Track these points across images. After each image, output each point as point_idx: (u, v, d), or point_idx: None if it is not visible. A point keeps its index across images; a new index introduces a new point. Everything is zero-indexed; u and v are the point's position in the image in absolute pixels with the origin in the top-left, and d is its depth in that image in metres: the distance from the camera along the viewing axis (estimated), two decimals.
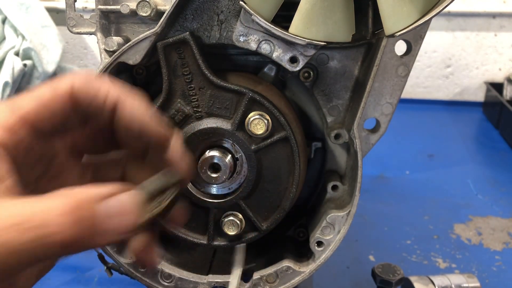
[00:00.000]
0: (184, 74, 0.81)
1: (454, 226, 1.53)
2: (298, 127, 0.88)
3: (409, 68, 0.83)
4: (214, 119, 0.83)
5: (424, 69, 2.74)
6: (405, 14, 0.68)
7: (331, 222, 0.86)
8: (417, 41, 0.81)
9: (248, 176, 0.84)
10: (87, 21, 0.88)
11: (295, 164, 0.83)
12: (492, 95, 2.52)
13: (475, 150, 2.20)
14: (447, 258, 1.36)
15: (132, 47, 0.79)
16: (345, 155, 0.95)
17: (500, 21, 2.60)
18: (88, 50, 2.93)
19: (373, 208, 1.60)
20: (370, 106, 0.84)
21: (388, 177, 1.86)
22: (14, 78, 2.18)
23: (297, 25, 0.73)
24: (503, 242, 1.45)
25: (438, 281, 1.07)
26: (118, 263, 0.89)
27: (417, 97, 2.78)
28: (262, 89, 0.85)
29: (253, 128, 0.80)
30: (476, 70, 2.72)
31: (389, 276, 1.03)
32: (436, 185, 1.81)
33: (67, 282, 1.25)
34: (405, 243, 1.43)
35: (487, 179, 1.88)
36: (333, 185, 0.92)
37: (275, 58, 0.79)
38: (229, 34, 0.83)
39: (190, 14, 0.83)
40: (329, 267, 1.28)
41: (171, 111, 0.83)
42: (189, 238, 0.89)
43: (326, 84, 0.90)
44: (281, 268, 0.87)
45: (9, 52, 2.29)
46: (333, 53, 0.88)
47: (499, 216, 1.60)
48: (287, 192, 0.85)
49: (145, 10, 0.83)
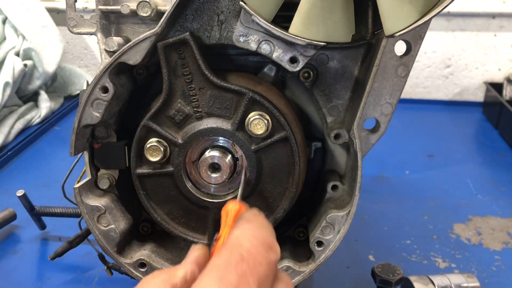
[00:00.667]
0: (184, 74, 0.82)
1: (453, 226, 1.53)
2: (298, 127, 0.88)
3: (409, 68, 0.83)
4: (214, 119, 0.83)
5: (424, 69, 2.74)
6: (405, 14, 0.68)
7: (331, 222, 0.86)
8: (417, 41, 0.81)
9: (248, 176, 0.84)
10: (88, 22, 0.88)
11: (295, 164, 0.83)
12: (492, 95, 2.52)
13: (474, 150, 2.20)
14: (446, 258, 1.36)
15: (133, 47, 0.79)
16: (345, 155, 0.95)
17: (500, 21, 2.60)
18: (89, 50, 2.93)
19: (373, 208, 1.60)
20: (370, 106, 0.85)
21: (388, 177, 1.86)
22: (14, 78, 2.18)
23: (297, 25, 0.73)
24: (503, 242, 1.45)
25: (438, 280, 1.07)
26: (118, 263, 0.89)
27: (416, 97, 2.78)
28: (262, 89, 0.85)
29: (253, 128, 0.80)
30: (476, 70, 2.72)
31: (389, 276, 1.03)
32: (436, 185, 1.81)
33: (67, 282, 1.26)
34: (404, 243, 1.43)
35: (486, 179, 1.88)
36: (333, 185, 0.92)
37: (275, 58, 0.79)
38: (229, 35, 0.84)
39: (190, 15, 0.83)
40: (329, 267, 1.28)
41: (171, 111, 0.83)
42: (189, 238, 0.89)
43: (326, 84, 0.91)
44: (281, 268, 0.87)
45: (9, 52, 2.29)
46: (333, 53, 0.88)
47: (499, 216, 1.60)
48: (287, 192, 0.86)
49: (145, 11, 0.83)
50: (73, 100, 2.64)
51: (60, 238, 1.44)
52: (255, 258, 0.44)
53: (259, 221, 0.50)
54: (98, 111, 0.82)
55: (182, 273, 0.48)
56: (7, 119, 2.17)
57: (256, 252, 0.45)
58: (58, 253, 1.21)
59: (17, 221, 1.50)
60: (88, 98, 0.81)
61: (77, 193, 0.86)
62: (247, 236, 0.46)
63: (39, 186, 1.76)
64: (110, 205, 0.87)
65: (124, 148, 0.88)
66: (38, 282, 1.27)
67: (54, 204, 1.42)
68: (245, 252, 0.44)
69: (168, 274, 0.47)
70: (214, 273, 0.43)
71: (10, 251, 1.39)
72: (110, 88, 0.81)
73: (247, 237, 0.46)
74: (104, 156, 0.89)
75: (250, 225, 0.49)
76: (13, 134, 2.15)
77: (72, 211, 1.38)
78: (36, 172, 1.90)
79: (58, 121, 2.44)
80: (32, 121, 2.31)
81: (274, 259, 0.46)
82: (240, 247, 0.45)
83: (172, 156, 0.84)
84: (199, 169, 0.83)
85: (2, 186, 1.78)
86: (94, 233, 0.88)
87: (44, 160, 2.04)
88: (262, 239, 0.46)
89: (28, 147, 2.15)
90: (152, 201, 0.88)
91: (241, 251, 0.44)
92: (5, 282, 1.26)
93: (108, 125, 0.88)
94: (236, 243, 0.46)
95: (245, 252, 0.44)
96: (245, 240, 0.46)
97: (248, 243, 0.46)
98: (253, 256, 0.44)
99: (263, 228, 0.49)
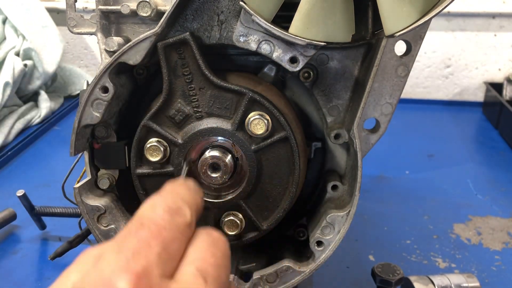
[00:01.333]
0: (184, 74, 0.82)
1: (453, 226, 1.53)
2: (298, 127, 0.88)
3: (409, 68, 0.83)
4: (214, 119, 0.83)
5: (424, 69, 2.74)
6: (405, 14, 0.68)
7: (331, 222, 0.86)
8: (417, 41, 0.81)
9: (248, 176, 0.84)
10: (88, 22, 0.88)
11: (295, 164, 0.83)
12: (492, 95, 2.52)
13: (474, 150, 2.20)
14: (446, 258, 1.36)
15: (133, 47, 0.79)
16: (345, 155, 0.95)
17: (500, 21, 2.60)
18: (89, 50, 2.93)
19: (373, 208, 1.61)
20: (370, 106, 0.85)
21: (388, 177, 1.87)
22: (14, 78, 2.19)
23: (297, 25, 0.73)
24: (503, 242, 1.45)
25: (438, 280, 1.07)
26: None
27: (416, 97, 2.78)
28: (262, 89, 0.85)
29: (253, 128, 0.80)
30: (476, 70, 2.72)
31: (389, 276, 1.03)
32: (436, 185, 1.81)
33: None
34: (405, 243, 1.43)
35: (486, 179, 1.88)
36: (333, 185, 0.92)
37: (275, 58, 0.80)
38: (229, 35, 0.84)
39: (190, 15, 0.83)
40: (329, 267, 1.28)
41: (172, 111, 0.83)
42: None
43: (326, 84, 0.91)
44: (281, 268, 0.87)
45: (9, 52, 2.29)
46: (333, 53, 0.88)
47: (499, 216, 1.60)
48: (287, 192, 0.86)
49: (145, 11, 0.83)
50: (73, 100, 2.64)
51: (60, 238, 1.44)
52: (157, 223, 0.45)
53: (168, 189, 0.51)
54: (98, 111, 0.82)
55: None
56: (7, 119, 2.17)
57: (158, 218, 0.45)
58: (58, 253, 1.21)
59: (17, 221, 1.50)
60: (88, 98, 0.81)
61: (77, 193, 0.86)
62: (149, 205, 0.48)
63: (39, 186, 1.76)
64: (110, 205, 0.87)
65: (124, 148, 0.88)
66: (38, 282, 1.26)
67: (54, 204, 1.42)
68: (145, 220, 0.45)
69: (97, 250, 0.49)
70: (113, 243, 0.44)
71: (10, 251, 1.39)
72: (110, 88, 0.81)
73: (149, 206, 0.47)
74: (104, 156, 0.89)
75: (158, 195, 0.50)
76: (13, 134, 2.15)
77: (72, 211, 1.38)
78: (36, 172, 1.90)
79: (58, 121, 2.44)
80: (32, 121, 2.31)
81: (181, 221, 0.47)
82: (140, 217, 0.46)
83: (172, 156, 0.84)
84: (199, 169, 0.83)
85: (2, 186, 1.78)
86: (94, 233, 0.88)
87: (44, 160, 2.04)
88: (165, 205, 0.47)
89: (28, 147, 2.15)
90: None
91: (141, 220, 0.45)
92: (5, 282, 1.26)
93: (108, 125, 0.88)
94: (138, 214, 0.47)
95: (145, 220, 0.45)
96: (146, 210, 0.47)
97: (149, 211, 0.47)
98: (154, 221, 0.45)
99: (169, 194, 0.50)
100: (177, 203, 0.49)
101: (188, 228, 0.48)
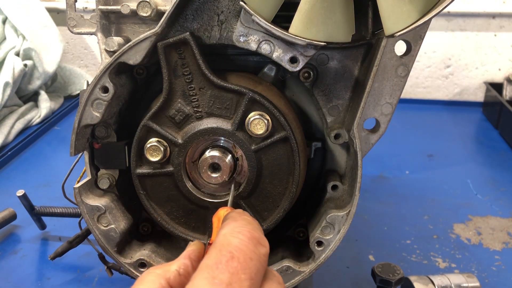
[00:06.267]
0: (185, 74, 0.82)
1: (453, 226, 1.53)
2: (298, 127, 0.88)
3: (409, 68, 0.83)
4: (214, 119, 0.83)
5: (424, 69, 2.74)
6: (405, 15, 0.68)
7: (331, 222, 0.86)
8: (417, 41, 0.81)
9: (248, 176, 0.84)
10: (88, 21, 0.88)
11: (295, 164, 0.83)
12: (492, 95, 2.52)
13: (474, 150, 2.20)
14: (446, 258, 1.36)
15: (133, 47, 0.79)
16: (345, 155, 0.95)
17: (500, 21, 2.60)
18: (89, 50, 2.93)
19: (373, 208, 1.60)
20: (369, 106, 0.85)
21: (388, 177, 1.87)
22: (14, 78, 2.18)
23: (297, 25, 0.73)
24: (503, 242, 1.45)
25: (438, 280, 1.07)
26: (118, 263, 0.89)
27: (416, 97, 2.79)
28: (262, 89, 0.85)
29: (253, 128, 0.80)
30: (476, 70, 2.72)
31: (389, 275, 1.03)
32: (436, 185, 1.81)
33: (67, 281, 1.26)
34: (404, 243, 1.43)
35: (486, 179, 1.88)
36: (333, 185, 0.92)
37: (275, 58, 0.80)
38: (229, 35, 0.84)
39: (190, 15, 0.83)
40: (329, 267, 1.28)
41: (172, 111, 0.83)
42: (189, 238, 0.89)
43: (326, 84, 0.91)
44: (281, 268, 0.87)
45: (9, 52, 2.29)
46: (333, 53, 0.88)
47: (499, 216, 1.60)
48: (287, 192, 0.86)
49: (145, 11, 0.83)
50: (73, 100, 2.64)
51: (60, 238, 1.44)
52: (245, 254, 0.45)
53: (244, 218, 0.51)
54: (98, 111, 0.82)
55: (175, 267, 0.49)
56: (7, 119, 2.17)
57: (245, 248, 0.45)
58: (58, 253, 1.22)
59: (17, 221, 1.50)
60: (88, 98, 0.81)
61: (77, 193, 0.86)
62: (235, 233, 0.47)
63: (39, 186, 1.76)
64: (110, 205, 0.87)
65: (124, 148, 0.88)
66: (38, 282, 1.26)
67: (54, 204, 1.42)
68: (234, 250, 0.45)
69: (162, 269, 0.49)
70: (206, 273, 0.43)
71: (10, 251, 1.39)
72: (110, 88, 0.81)
73: (234, 234, 0.47)
74: (104, 156, 0.89)
75: (236, 223, 0.49)
76: (13, 134, 2.15)
77: (72, 211, 1.38)
78: (36, 172, 1.90)
79: (58, 121, 2.44)
80: (32, 121, 2.31)
81: (263, 252, 0.47)
82: (229, 245, 0.45)
83: (172, 156, 0.84)
84: (199, 169, 0.83)
85: (2, 186, 1.78)
86: (94, 233, 0.88)
87: (44, 160, 2.04)
88: (250, 234, 0.47)
89: (28, 147, 2.15)
90: (152, 201, 0.88)
91: (230, 248, 0.45)
92: (5, 282, 1.26)
93: (108, 125, 0.88)
94: (224, 242, 0.46)
95: (234, 250, 0.45)
96: (232, 238, 0.46)
97: (236, 239, 0.46)
98: (242, 252, 0.45)
99: (249, 224, 0.50)
100: (257, 232, 0.48)
101: (267, 258, 0.48)
